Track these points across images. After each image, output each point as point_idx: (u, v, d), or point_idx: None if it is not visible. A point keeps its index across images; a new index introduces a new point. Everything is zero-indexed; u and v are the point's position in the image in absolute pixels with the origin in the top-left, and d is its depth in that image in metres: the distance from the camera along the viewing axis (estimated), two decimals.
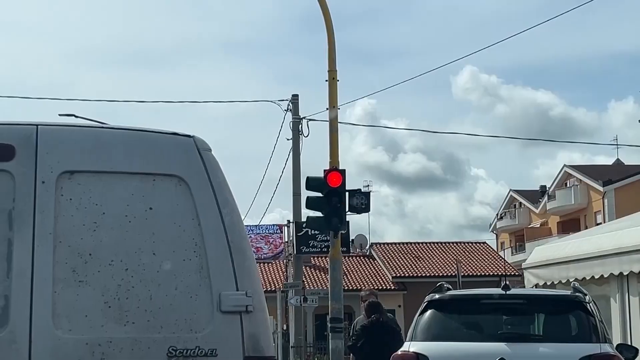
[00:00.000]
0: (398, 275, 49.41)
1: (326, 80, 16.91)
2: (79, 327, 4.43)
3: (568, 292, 9.74)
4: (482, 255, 54.36)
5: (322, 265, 43.70)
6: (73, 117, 24.14)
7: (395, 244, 57.56)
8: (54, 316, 4.40)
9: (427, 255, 53.48)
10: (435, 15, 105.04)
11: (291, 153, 29.24)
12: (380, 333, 11.73)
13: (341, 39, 66.81)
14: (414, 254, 53.69)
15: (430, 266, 50.88)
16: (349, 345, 12.76)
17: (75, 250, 4.49)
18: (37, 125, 4.68)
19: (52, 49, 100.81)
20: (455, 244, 56.79)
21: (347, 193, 16.11)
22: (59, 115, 24.49)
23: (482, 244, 58.75)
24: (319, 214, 16.09)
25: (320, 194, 15.99)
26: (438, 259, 52.52)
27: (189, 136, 4.76)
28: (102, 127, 5.67)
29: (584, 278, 13.37)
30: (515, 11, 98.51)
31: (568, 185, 61.94)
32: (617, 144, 62.69)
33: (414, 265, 51.40)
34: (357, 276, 48.67)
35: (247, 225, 42.31)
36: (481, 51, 36.35)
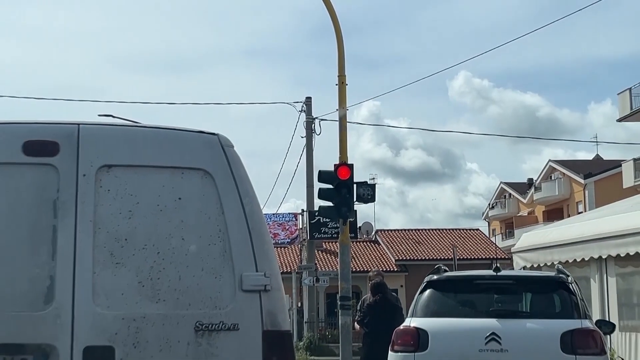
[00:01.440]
0: (400, 258, 49.45)
1: (336, 84, 16.91)
2: (116, 304, 4.44)
3: (552, 274, 9.74)
4: (476, 240, 54.35)
5: (333, 250, 43.64)
6: (111, 117, 24.18)
7: (398, 230, 57.55)
8: (94, 294, 4.42)
9: (427, 241, 53.51)
10: (433, 25, 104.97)
11: (305, 149, 29.31)
12: (384, 310, 11.75)
13: (350, 47, 66.83)
14: (414, 239, 53.70)
15: (429, 250, 50.91)
16: (357, 320, 12.79)
17: (113, 236, 4.51)
18: (78, 124, 4.69)
19: (93, 55, 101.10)
20: (451, 231, 56.77)
21: (354, 185, 16.10)
22: (99, 115, 24.56)
23: (475, 231, 58.69)
24: (329, 203, 16.10)
25: (330, 186, 16.00)
26: (436, 244, 52.55)
27: (213, 134, 4.76)
28: (137, 126, 5.68)
29: (567, 261, 13.38)
30: (505, 22, 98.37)
31: (552, 178, 61.83)
32: (596, 141, 62.76)
33: (415, 249, 51.42)
34: (363, 259, 48.64)
35: (265, 214, 42.34)
36: (474, 58, 36.35)
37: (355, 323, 13.34)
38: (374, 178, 49.73)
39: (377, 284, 12.32)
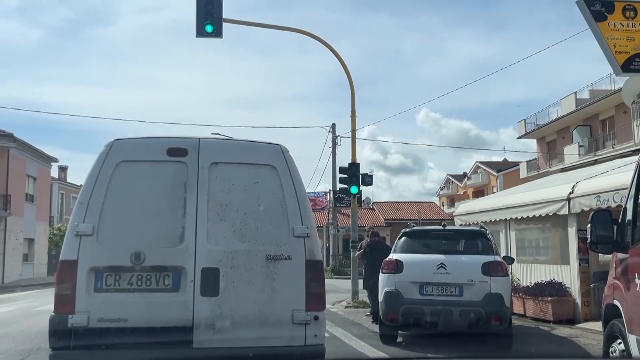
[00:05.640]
0: (387, 219, 49.28)
1: (350, 116, 16.86)
2: (220, 243, 4.46)
3: (477, 228, 9.67)
4: (432, 208, 54.15)
5: (347, 213, 43.51)
6: (218, 135, 24.35)
7: (385, 202, 57.32)
8: (207, 237, 4.45)
9: (403, 208, 53.29)
10: (406, 80, 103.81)
11: (331, 154, 29.13)
12: (377, 248, 11.73)
13: (358, 93, 66.74)
14: (395, 207, 53.50)
15: (404, 214, 50.60)
16: (359, 253, 12.84)
17: (218, 203, 4.53)
18: (199, 138, 4.72)
19: (204, 97, 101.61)
20: (417, 203, 56.46)
21: (360, 175, 16.11)
22: (211, 133, 24.67)
23: (432, 203, 58.49)
24: (346, 186, 16.12)
25: (346, 176, 16.02)
26: (408, 210, 52.27)
27: (277, 144, 4.77)
28: (233, 140, 5.70)
29: (486, 221, 13.28)
30: (449, 78, 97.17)
31: (478, 172, 61.15)
32: (504, 150, 62.42)
33: (395, 213, 51.21)
34: (365, 219, 48.23)
35: (307, 191, 42.47)
36: (431, 101, 35.96)
37: (357, 256, 13.35)
38: (372, 171, 49.89)
39: (373, 232, 12.49)
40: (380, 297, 8.59)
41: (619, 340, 4.95)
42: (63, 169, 52.41)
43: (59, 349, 4.16)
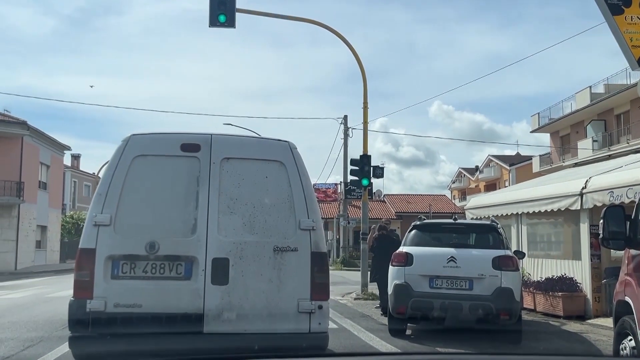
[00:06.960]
0: (398, 211, 49.15)
1: (362, 108, 16.85)
2: (230, 235, 4.55)
3: (488, 222, 9.65)
4: (443, 202, 53.96)
5: (358, 205, 43.54)
6: (230, 125, 24.48)
7: (397, 194, 57.19)
8: (218, 229, 4.54)
9: (414, 201, 53.15)
10: (419, 73, 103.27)
11: (343, 146, 29.17)
12: (386, 241, 11.76)
13: (370, 85, 66.49)
14: (406, 200, 53.37)
15: (415, 206, 50.49)
16: (370, 246, 12.87)
17: (229, 197, 4.61)
18: (211, 134, 4.83)
19: (217, 89, 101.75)
20: (428, 196, 56.30)
21: (371, 167, 16.09)
22: (223, 124, 24.89)
23: (443, 196, 58.28)
24: (357, 178, 16.13)
25: (357, 167, 16.01)
26: (419, 203, 52.16)
27: (286, 141, 4.85)
28: (243, 136, 5.79)
29: (497, 215, 13.28)
30: (461, 72, 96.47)
31: (490, 166, 60.78)
32: (517, 144, 61.95)
33: (406, 206, 51.09)
34: (376, 212, 48.18)
35: (319, 184, 42.46)
36: (443, 93, 35.79)
37: (368, 248, 13.40)
38: (383, 163, 50.12)
39: (381, 225, 12.46)
40: (390, 290, 8.58)
41: (629, 337, 4.94)
42: (76, 157, 52.88)
43: (78, 333, 4.32)
